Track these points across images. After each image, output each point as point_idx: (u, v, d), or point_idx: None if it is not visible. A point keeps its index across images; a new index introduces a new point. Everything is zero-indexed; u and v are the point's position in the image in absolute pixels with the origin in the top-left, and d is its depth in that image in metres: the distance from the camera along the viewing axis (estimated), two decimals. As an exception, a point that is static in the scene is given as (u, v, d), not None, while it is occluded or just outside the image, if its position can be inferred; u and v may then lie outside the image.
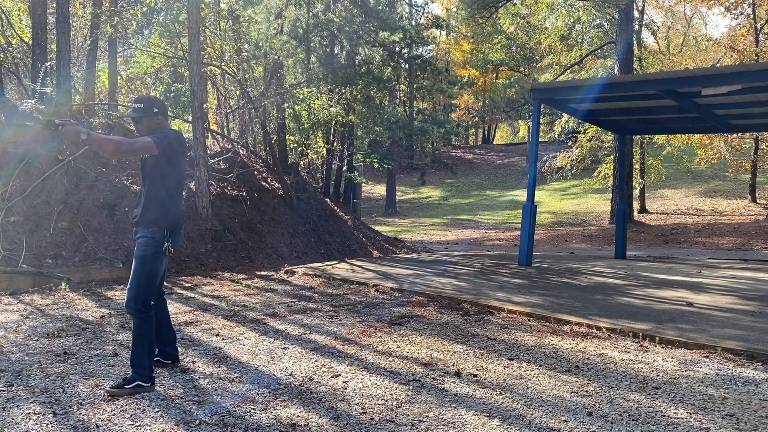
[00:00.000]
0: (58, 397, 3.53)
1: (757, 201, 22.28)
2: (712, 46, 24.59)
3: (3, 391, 3.64)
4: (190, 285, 7.78)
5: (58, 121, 3.37)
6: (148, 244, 3.73)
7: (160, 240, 3.75)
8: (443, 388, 3.78)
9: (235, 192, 11.17)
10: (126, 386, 3.59)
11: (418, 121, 30.47)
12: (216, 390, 3.74)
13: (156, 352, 3.98)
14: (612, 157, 20.93)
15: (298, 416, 3.30)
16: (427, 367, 4.24)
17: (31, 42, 10.94)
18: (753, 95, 9.46)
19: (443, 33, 44.36)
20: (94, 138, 3.47)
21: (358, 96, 15.05)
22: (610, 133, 19.69)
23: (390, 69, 16.27)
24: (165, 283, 4.37)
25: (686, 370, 4.16)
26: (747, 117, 11.42)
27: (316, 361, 4.38)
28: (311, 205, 13.01)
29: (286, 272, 8.95)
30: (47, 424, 3.14)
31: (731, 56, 21.01)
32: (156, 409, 3.39)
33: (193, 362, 4.31)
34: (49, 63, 10.31)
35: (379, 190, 34.60)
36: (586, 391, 3.71)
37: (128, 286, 3.76)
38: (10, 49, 12.27)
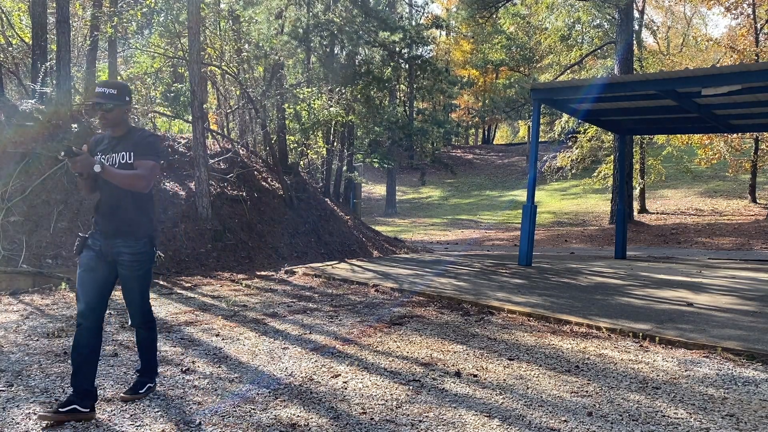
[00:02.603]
0: (58, 397, 3.53)
1: (757, 201, 22.28)
2: (712, 46, 24.57)
3: (3, 391, 3.64)
4: (190, 285, 7.78)
5: (75, 149, 3.20)
6: (144, 259, 3.46)
7: (152, 252, 3.54)
8: (443, 388, 3.77)
9: (235, 192, 11.17)
10: (140, 391, 3.56)
11: (418, 121, 30.44)
12: (216, 390, 3.74)
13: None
14: (612, 157, 20.93)
15: (298, 416, 3.30)
16: (427, 367, 4.23)
17: (31, 42, 10.95)
18: (753, 95, 9.46)
19: (443, 33, 44.34)
20: (109, 172, 3.24)
21: (358, 96, 15.06)
22: (610, 133, 19.70)
23: (390, 69, 16.28)
24: (165, 283, 4.36)
25: (686, 370, 4.16)
26: (747, 117, 11.42)
27: (316, 361, 4.38)
28: (311, 205, 13.01)
29: (286, 272, 8.95)
30: (47, 424, 3.14)
31: (731, 56, 21.00)
32: (156, 409, 3.39)
33: (193, 362, 4.31)
34: (49, 63, 10.31)
35: (379, 190, 34.60)
36: (586, 391, 3.71)
37: (131, 307, 3.52)
38: (10, 49, 12.28)
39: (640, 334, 5.02)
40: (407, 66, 17.21)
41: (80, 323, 3.30)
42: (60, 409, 3.14)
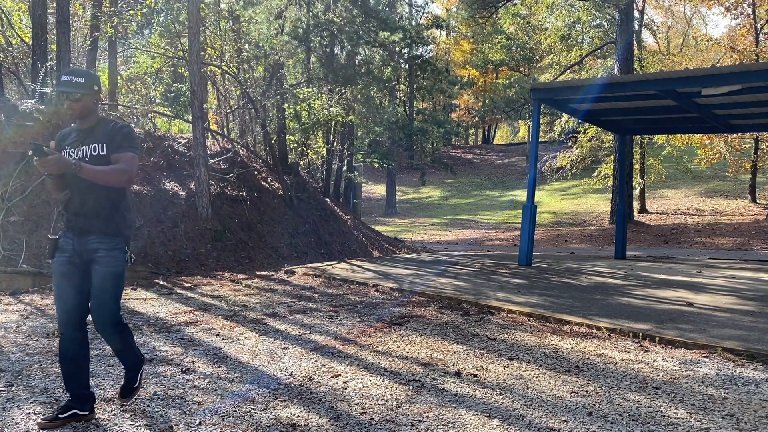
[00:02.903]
0: (58, 397, 3.53)
1: (757, 201, 22.28)
2: (712, 46, 24.57)
3: (3, 391, 3.64)
4: (190, 285, 7.78)
5: (46, 148, 2.93)
6: (118, 258, 3.22)
7: (126, 251, 3.28)
8: (443, 388, 3.77)
9: (235, 192, 11.17)
10: (135, 386, 3.45)
11: (418, 121, 30.47)
12: (216, 390, 3.74)
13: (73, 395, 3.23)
14: (612, 157, 20.94)
15: (298, 416, 3.30)
16: (427, 367, 4.23)
17: (31, 42, 10.96)
18: (753, 95, 9.46)
19: (443, 33, 44.36)
20: (86, 169, 3.02)
21: (358, 96, 15.07)
22: (610, 133, 19.70)
23: (390, 69, 16.30)
24: (165, 283, 4.33)
25: (686, 370, 4.16)
26: (747, 117, 11.42)
27: (316, 361, 4.38)
28: (311, 205, 13.01)
29: (286, 272, 8.95)
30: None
31: (731, 56, 21.01)
32: (156, 409, 3.39)
33: (193, 362, 4.32)
34: (49, 63, 10.32)
35: (379, 190, 34.60)
36: (586, 391, 3.71)
37: (100, 309, 3.18)
38: (10, 49, 12.29)
39: (640, 334, 5.02)
40: (407, 66, 17.24)
41: (63, 332, 3.18)
42: (59, 416, 3.13)
